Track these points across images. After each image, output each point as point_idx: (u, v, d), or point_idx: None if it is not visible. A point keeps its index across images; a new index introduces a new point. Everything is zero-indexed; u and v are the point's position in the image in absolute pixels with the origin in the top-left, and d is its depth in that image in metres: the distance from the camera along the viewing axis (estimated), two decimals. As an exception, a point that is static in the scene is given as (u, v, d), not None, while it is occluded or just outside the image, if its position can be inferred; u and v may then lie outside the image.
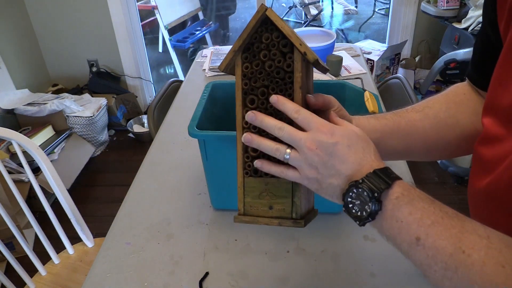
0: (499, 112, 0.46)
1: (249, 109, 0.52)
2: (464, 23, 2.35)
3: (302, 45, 0.48)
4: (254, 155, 0.52)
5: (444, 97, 0.62)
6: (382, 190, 0.43)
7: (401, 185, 0.44)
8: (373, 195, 0.43)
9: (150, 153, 1.11)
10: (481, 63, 0.57)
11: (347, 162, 0.46)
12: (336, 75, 1.52)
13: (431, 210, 0.42)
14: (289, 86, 0.51)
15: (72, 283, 1.17)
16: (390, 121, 0.60)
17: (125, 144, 2.77)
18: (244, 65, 0.52)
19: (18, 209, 1.79)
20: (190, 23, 3.98)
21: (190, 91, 1.48)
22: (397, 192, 0.43)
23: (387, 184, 0.44)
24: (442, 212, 0.42)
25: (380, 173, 0.44)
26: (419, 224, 0.41)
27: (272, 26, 0.50)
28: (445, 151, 0.62)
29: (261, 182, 0.53)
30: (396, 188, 0.44)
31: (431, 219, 0.41)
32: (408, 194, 0.43)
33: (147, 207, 0.92)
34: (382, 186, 0.43)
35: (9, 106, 2.37)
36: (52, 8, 2.68)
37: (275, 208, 0.52)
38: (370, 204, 0.44)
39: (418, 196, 0.43)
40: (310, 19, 4.05)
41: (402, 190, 0.44)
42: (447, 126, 0.59)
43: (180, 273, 0.76)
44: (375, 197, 0.43)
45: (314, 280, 0.73)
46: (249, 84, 0.52)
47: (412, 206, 0.42)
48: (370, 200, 0.43)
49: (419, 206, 0.42)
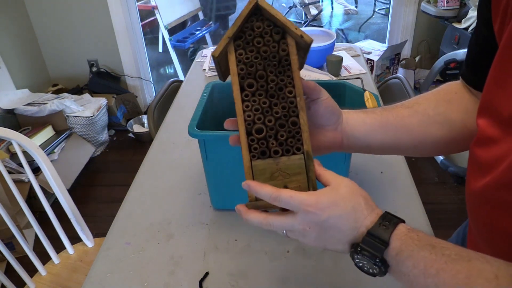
0: (495, 114, 0.45)
1: (248, 92, 0.52)
2: (464, 23, 2.35)
3: (298, 29, 0.50)
4: (259, 137, 0.52)
5: (434, 95, 0.62)
6: (382, 252, 0.44)
7: (398, 237, 0.45)
8: (375, 260, 0.45)
9: (150, 153, 1.11)
10: (475, 62, 0.57)
11: (343, 231, 0.47)
12: (336, 75, 1.52)
13: (432, 258, 0.42)
14: (287, 68, 0.52)
15: (72, 283, 1.18)
16: (378, 115, 0.61)
17: (125, 144, 2.77)
18: (238, 51, 0.52)
19: (18, 209, 1.79)
20: (190, 23, 3.98)
21: (190, 91, 1.48)
22: (396, 249, 0.44)
23: (384, 244, 0.44)
24: (445, 256, 0.42)
25: (375, 233, 0.45)
26: (425, 275, 0.42)
27: (262, 16, 0.52)
28: (433, 148, 0.62)
29: (271, 163, 0.52)
30: (393, 244, 0.44)
31: (435, 267, 0.41)
32: (406, 247, 0.44)
33: (147, 207, 0.92)
34: (381, 248, 0.44)
35: (9, 106, 2.37)
36: (52, 8, 2.68)
37: (290, 186, 0.52)
38: (376, 266, 0.45)
39: (417, 246, 0.43)
40: (310, 19, 4.05)
41: (400, 244, 0.44)
42: (435, 123, 0.59)
43: (180, 273, 0.76)
44: (378, 261, 0.44)
45: (314, 280, 0.73)
46: (245, 69, 0.52)
47: (413, 258, 0.43)
48: (375, 264, 0.45)
49: (420, 257, 0.43)
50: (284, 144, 0.52)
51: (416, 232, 0.45)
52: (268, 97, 0.52)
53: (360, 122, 0.60)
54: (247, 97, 0.52)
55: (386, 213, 0.47)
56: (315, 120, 0.58)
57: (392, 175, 0.97)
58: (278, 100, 0.52)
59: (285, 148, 0.52)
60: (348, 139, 0.60)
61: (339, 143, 0.60)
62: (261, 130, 0.52)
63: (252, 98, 0.52)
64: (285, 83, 0.52)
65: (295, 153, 0.52)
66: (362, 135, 0.60)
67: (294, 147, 0.52)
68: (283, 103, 0.52)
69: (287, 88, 0.52)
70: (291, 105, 0.52)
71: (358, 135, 0.60)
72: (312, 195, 0.47)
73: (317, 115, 0.57)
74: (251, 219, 0.50)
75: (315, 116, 0.58)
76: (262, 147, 0.52)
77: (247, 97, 0.52)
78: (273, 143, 0.52)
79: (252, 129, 0.52)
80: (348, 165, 0.83)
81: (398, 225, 0.46)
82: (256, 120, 0.52)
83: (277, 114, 0.52)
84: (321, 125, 0.59)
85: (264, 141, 0.52)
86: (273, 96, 0.52)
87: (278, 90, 0.52)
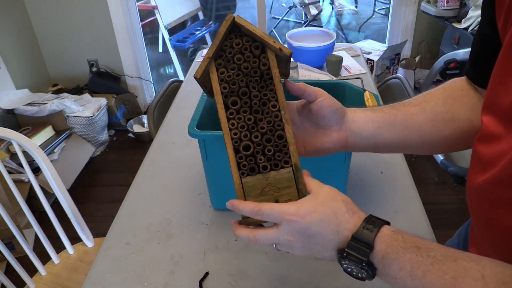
0: (498, 111, 0.46)
1: (233, 110, 0.53)
2: (464, 23, 2.35)
3: (276, 42, 0.51)
4: (247, 153, 0.52)
5: (441, 92, 0.62)
6: (367, 256, 0.44)
7: (382, 240, 0.44)
8: (361, 264, 0.44)
9: (150, 153, 1.11)
10: (479, 61, 0.57)
11: (326, 236, 0.47)
12: (336, 75, 1.52)
13: (418, 260, 0.42)
14: (269, 82, 0.53)
15: (72, 283, 1.18)
16: (386, 113, 0.60)
17: (125, 144, 2.77)
18: (220, 70, 0.53)
19: (18, 209, 1.79)
20: (190, 23, 3.98)
21: (190, 91, 1.48)
22: (381, 252, 0.44)
23: (369, 248, 0.44)
24: (431, 257, 0.42)
25: (359, 237, 0.45)
26: (412, 277, 0.42)
27: (241, 32, 0.52)
28: (441, 146, 0.62)
29: (261, 178, 0.52)
30: (378, 247, 0.44)
31: (422, 269, 0.41)
32: (391, 249, 0.44)
33: (147, 207, 0.92)
34: (366, 251, 0.44)
35: (9, 106, 2.37)
36: (52, 8, 2.68)
37: (281, 200, 0.52)
38: (364, 270, 0.45)
39: (402, 248, 0.43)
40: (310, 19, 4.05)
41: (386, 247, 0.44)
42: (443, 120, 0.59)
43: (180, 273, 0.76)
44: (364, 264, 0.44)
45: (314, 280, 0.73)
46: (228, 87, 0.53)
47: (399, 261, 0.43)
48: (362, 268, 0.45)
49: (406, 259, 0.43)
50: (272, 158, 0.52)
51: (401, 234, 0.45)
52: (252, 113, 0.53)
53: (368, 121, 0.59)
54: (232, 115, 0.53)
55: (370, 216, 0.47)
56: (318, 122, 0.58)
57: (392, 175, 0.97)
58: (263, 115, 0.53)
59: (273, 163, 0.52)
60: (355, 138, 0.59)
61: (344, 143, 0.59)
62: (248, 147, 0.52)
63: (237, 116, 0.53)
64: (268, 97, 0.53)
65: (283, 166, 0.52)
66: (370, 134, 0.59)
67: (282, 161, 0.52)
68: (268, 117, 0.53)
69: (270, 102, 0.53)
70: (276, 119, 0.52)
71: (366, 134, 0.59)
72: (293, 204, 0.48)
73: (319, 116, 0.57)
74: (239, 235, 0.51)
75: (317, 118, 0.58)
76: (250, 164, 0.52)
77: (232, 115, 0.53)
78: (261, 158, 0.52)
79: (239, 147, 0.52)
80: (348, 165, 0.83)
81: (382, 228, 0.46)
82: (243, 137, 0.52)
83: (262, 129, 0.52)
84: (324, 126, 0.58)
85: (252, 157, 0.52)
86: (258, 111, 0.53)
87: (262, 105, 0.53)
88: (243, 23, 0.51)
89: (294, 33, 1.68)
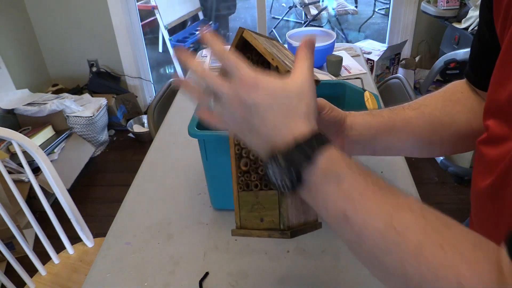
0: (500, 112, 0.46)
1: None
2: (464, 23, 2.35)
3: (274, 59, 0.50)
4: (244, 169, 0.54)
5: (441, 95, 0.62)
6: (301, 167, 0.39)
7: (328, 158, 0.39)
8: (291, 175, 0.39)
9: (150, 153, 1.11)
10: (478, 62, 0.57)
11: (266, 125, 0.41)
12: (336, 75, 1.52)
13: (361, 182, 0.38)
14: None
15: (72, 283, 1.18)
16: (385, 118, 0.60)
17: (125, 144, 2.77)
18: None
19: (18, 209, 1.79)
20: (190, 23, 3.97)
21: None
22: (323, 167, 0.39)
23: (309, 160, 0.39)
24: (374, 185, 0.38)
25: (304, 145, 0.39)
26: (347, 198, 0.38)
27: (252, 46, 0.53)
28: (440, 149, 0.62)
29: (252, 195, 0.54)
30: (321, 162, 0.39)
31: (361, 192, 0.37)
32: (336, 166, 0.39)
33: (147, 207, 0.92)
34: (303, 161, 0.39)
35: (9, 106, 2.37)
36: (52, 8, 2.68)
37: (265, 220, 0.54)
38: (289, 181, 0.39)
39: (348, 165, 0.39)
40: (310, 19, 4.05)
41: (329, 164, 0.39)
42: (442, 124, 0.59)
43: (180, 273, 0.76)
44: (294, 174, 0.39)
45: (314, 280, 0.73)
46: None
47: (340, 179, 0.38)
48: (291, 178, 0.39)
49: (349, 178, 0.38)
50: (263, 178, 0.54)
51: (351, 159, 0.40)
52: None
53: (366, 127, 0.59)
54: None
55: (322, 134, 0.41)
56: None
57: (392, 175, 0.97)
58: None
59: (264, 183, 0.54)
60: (352, 145, 0.59)
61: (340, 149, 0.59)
62: (246, 163, 0.54)
63: None
64: None
65: (271, 188, 0.53)
66: (368, 141, 0.59)
67: None
68: None
69: None
70: None
71: (364, 142, 0.59)
72: (257, 71, 0.41)
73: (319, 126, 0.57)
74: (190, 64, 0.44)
75: None
76: (246, 180, 0.54)
77: None
78: (254, 176, 0.54)
79: (239, 162, 0.55)
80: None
81: (331, 147, 0.40)
82: (243, 154, 0.54)
83: None
84: None
85: (248, 174, 0.54)
86: None
87: None
88: (248, 38, 0.51)
89: (294, 33, 1.67)
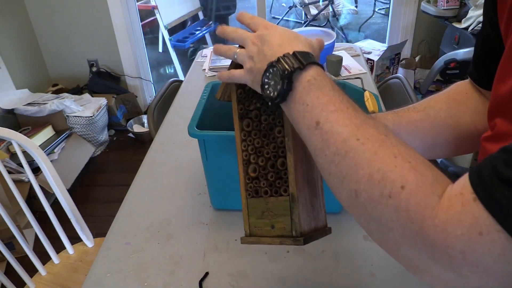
0: (506, 111, 0.45)
1: (246, 132, 0.55)
2: (464, 23, 2.35)
3: None
4: (253, 175, 0.54)
5: (445, 96, 0.62)
6: (294, 70, 0.44)
7: (316, 70, 0.45)
8: (284, 74, 0.44)
9: (150, 153, 1.11)
10: (482, 62, 0.57)
11: (273, 46, 0.48)
12: (336, 75, 1.52)
13: (339, 98, 0.43)
14: None
15: (72, 283, 1.17)
16: (390, 122, 0.60)
17: (125, 144, 2.77)
18: (238, 90, 0.56)
19: (18, 209, 1.79)
20: (190, 23, 3.97)
21: (190, 91, 1.48)
22: (310, 76, 0.44)
23: (301, 65, 0.44)
24: (350, 103, 0.42)
25: (298, 55, 0.45)
26: (322, 109, 0.42)
27: None
28: (444, 151, 0.62)
29: (262, 202, 0.53)
30: (310, 71, 0.44)
31: (336, 106, 0.42)
32: (321, 79, 0.44)
33: (147, 207, 0.92)
34: (295, 66, 0.44)
35: (9, 106, 2.37)
36: (52, 8, 2.68)
37: (276, 227, 0.53)
38: (282, 84, 0.44)
39: (331, 84, 0.44)
40: (310, 19, 4.05)
41: (316, 74, 0.44)
42: (447, 126, 0.59)
43: (180, 273, 0.76)
44: (286, 76, 0.44)
45: (314, 280, 0.73)
46: (243, 109, 0.55)
47: (322, 91, 0.43)
48: (282, 79, 0.44)
49: (329, 93, 0.43)
50: (273, 185, 0.53)
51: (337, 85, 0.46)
52: (261, 137, 0.54)
53: None
54: (245, 136, 0.54)
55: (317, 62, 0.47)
56: None
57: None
58: (269, 140, 0.54)
59: (274, 189, 0.53)
60: None
61: None
62: (255, 169, 0.54)
63: (248, 138, 0.54)
64: (275, 122, 0.53)
65: (282, 194, 0.53)
66: None
67: (281, 188, 0.53)
68: (273, 142, 0.53)
69: (276, 127, 0.53)
70: (281, 145, 0.53)
71: None
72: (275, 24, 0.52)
73: None
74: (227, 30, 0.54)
75: None
76: (255, 186, 0.54)
77: (245, 136, 0.54)
78: (264, 183, 0.53)
79: (248, 168, 0.54)
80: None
81: (322, 69, 0.46)
82: (251, 160, 0.54)
83: (267, 154, 0.53)
84: None
85: (257, 180, 0.54)
86: (266, 135, 0.54)
87: (269, 129, 0.53)
88: None
89: (294, 33, 1.67)
